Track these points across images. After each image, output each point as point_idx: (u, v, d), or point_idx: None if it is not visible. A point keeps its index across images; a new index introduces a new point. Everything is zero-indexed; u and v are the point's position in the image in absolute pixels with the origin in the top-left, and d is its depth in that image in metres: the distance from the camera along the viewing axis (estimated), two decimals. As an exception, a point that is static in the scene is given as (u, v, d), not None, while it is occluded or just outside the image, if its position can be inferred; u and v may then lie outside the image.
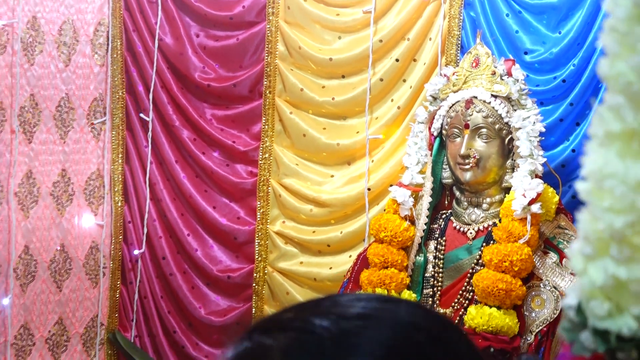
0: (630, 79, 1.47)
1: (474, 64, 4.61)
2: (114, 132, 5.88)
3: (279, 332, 1.53)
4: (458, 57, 5.03)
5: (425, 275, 4.62)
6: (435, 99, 4.69)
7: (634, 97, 1.46)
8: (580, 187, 1.60)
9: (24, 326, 5.67)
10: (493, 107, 4.45)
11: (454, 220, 4.64)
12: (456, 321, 4.42)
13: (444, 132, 4.60)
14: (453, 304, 4.50)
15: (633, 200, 1.48)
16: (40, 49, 5.56)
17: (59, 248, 5.77)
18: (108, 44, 5.81)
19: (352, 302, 1.57)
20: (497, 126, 4.45)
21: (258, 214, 5.74)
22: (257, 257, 5.74)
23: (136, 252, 5.94)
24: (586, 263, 1.57)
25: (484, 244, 4.48)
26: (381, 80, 5.38)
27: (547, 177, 4.48)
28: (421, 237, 4.65)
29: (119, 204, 5.93)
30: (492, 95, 4.47)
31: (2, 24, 5.41)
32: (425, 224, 4.65)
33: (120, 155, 5.89)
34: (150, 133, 5.84)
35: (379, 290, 4.56)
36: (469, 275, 4.49)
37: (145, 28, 5.80)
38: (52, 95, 5.64)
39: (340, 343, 1.48)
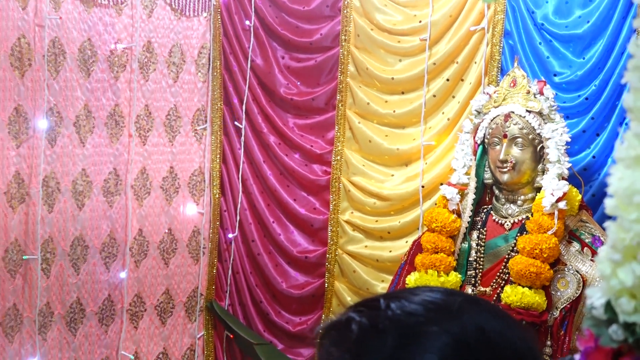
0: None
1: (511, 84, 4.63)
2: (213, 137, 5.94)
3: (365, 309, 1.53)
4: (498, 78, 5.04)
5: (469, 259, 4.65)
6: (479, 112, 4.72)
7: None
8: (608, 203, 1.62)
9: (137, 295, 5.76)
10: (527, 121, 4.47)
11: (493, 214, 4.67)
12: (494, 297, 4.45)
13: (486, 140, 4.62)
14: (492, 283, 4.54)
15: (657, 213, 1.51)
16: (154, 68, 5.64)
17: (166, 231, 5.85)
18: (209, 64, 5.86)
19: (430, 295, 1.55)
20: (530, 136, 4.48)
21: (331, 205, 5.79)
22: (329, 241, 5.79)
23: (230, 235, 6.01)
24: (615, 267, 1.59)
25: (518, 234, 4.51)
26: (434, 96, 5.40)
27: (571, 179, 4.50)
28: (466, 228, 4.69)
29: (217, 196, 5.99)
30: (527, 111, 4.50)
31: (123, 47, 5.47)
32: (470, 216, 4.69)
33: (218, 156, 5.95)
34: (243, 138, 5.91)
35: (430, 271, 4.57)
36: (505, 260, 4.53)
37: (239, 51, 5.84)
38: (163, 106, 5.73)
39: (411, 329, 1.48)
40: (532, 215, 4.46)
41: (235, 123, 5.93)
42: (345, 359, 1.50)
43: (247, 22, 5.81)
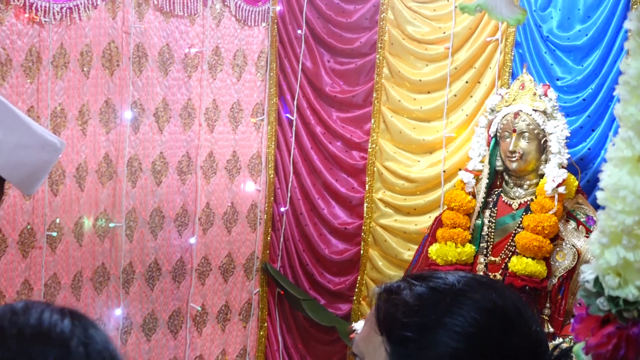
0: (639, 118, 1.49)
1: (521, 87, 4.65)
2: (269, 127, 5.95)
3: (412, 280, 1.56)
4: (509, 82, 5.05)
5: (482, 233, 4.70)
6: (492, 110, 4.74)
7: (641, 132, 1.48)
8: (599, 195, 1.65)
9: (204, 257, 5.81)
10: (534, 118, 4.49)
11: (503, 196, 4.72)
12: (502, 266, 4.46)
13: (498, 134, 4.65)
14: (500, 254, 4.59)
15: (639, 205, 1.51)
16: (221, 69, 5.67)
17: (229, 205, 5.88)
18: (267, 66, 5.87)
19: (458, 274, 1.58)
20: (536, 131, 4.51)
21: (366, 185, 5.80)
22: (365, 215, 5.81)
23: (282, 209, 6.03)
24: (603, 249, 1.62)
25: (524, 213, 4.56)
26: (455, 96, 5.42)
27: (570, 167, 4.56)
28: (480, 207, 4.73)
29: (271, 176, 6.00)
30: (533, 110, 4.53)
31: (195, 51, 5.49)
32: (483, 198, 4.73)
33: (273, 143, 5.97)
34: (294, 128, 5.93)
35: (449, 243, 4.59)
36: (512, 235, 4.58)
37: (292, 55, 5.85)
38: (228, 100, 5.75)
39: (463, 293, 1.53)
40: (536, 197, 4.51)
41: (288, 115, 5.94)
42: (402, 313, 1.52)
43: (299, 31, 5.82)
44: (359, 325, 4.59)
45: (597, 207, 4.51)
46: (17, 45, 4.72)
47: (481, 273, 4.57)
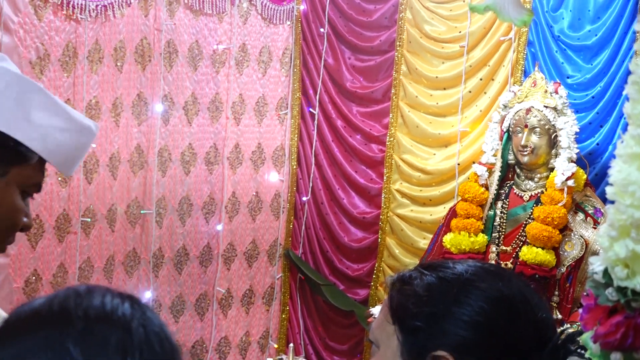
0: (647, 117, 1.48)
1: (532, 84, 4.64)
2: (292, 120, 5.96)
3: (423, 269, 1.55)
4: (522, 79, 5.03)
5: (494, 224, 4.70)
6: (505, 106, 4.73)
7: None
8: (609, 190, 1.64)
9: (230, 243, 5.83)
10: (545, 114, 4.49)
11: (514, 188, 4.71)
12: (513, 255, 4.46)
13: (510, 129, 4.64)
14: (512, 243, 4.59)
15: (648, 200, 1.51)
16: (247, 65, 5.68)
17: (254, 194, 5.90)
18: (291, 62, 5.87)
19: (467, 263, 1.58)
20: (546, 127, 4.50)
21: (384, 177, 5.80)
22: (383, 205, 5.81)
23: (304, 198, 6.04)
24: (612, 242, 1.61)
25: (535, 205, 4.56)
26: (469, 92, 5.41)
27: (579, 162, 4.56)
28: (492, 198, 4.71)
29: (294, 167, 6.00)
30: (544, 106, 4.52)
31: (223, 47, 5.49)
32: (495, 189, 4.72)
33: (296, 135, 5.97)
34: (316, 121, 5.93)
35: (462, 233, 4.59)
36: (523, 225, 4.59)
37: (315, 52, 5.86)
38: (253, 95, 5.76)
39: (470, 282, 1.52)
40: (546, 190, 4.50)
41: (310, 109, 5.94)
42: (412, 303, 1.52)
43: (322, 30, 5.82)
44: (376, 310, 4.60)
45: (604, 200, 4.51)
46: (54, 41, 4.75)
47: (493, 262, 4.57)
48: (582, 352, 1.49)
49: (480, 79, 5.35)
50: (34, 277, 4.95)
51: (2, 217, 1.70)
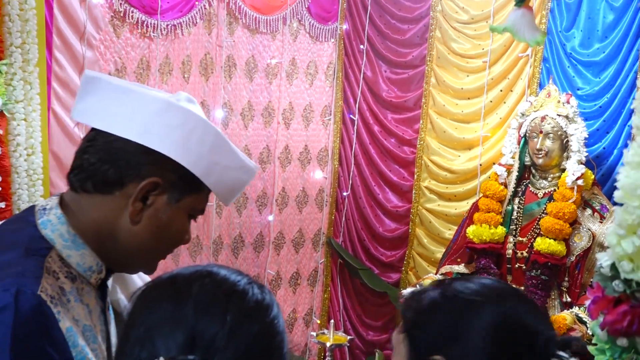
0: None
1: (547, 95, 4.63)
2: (334, 125, 5.98)
3: (439, 287, 1.57)
4: (537, 91, 5.02)
5: (512, 217, 4.69)
6: (523, 114, 4.72)
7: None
8: (617, 194, 1.64)
9: (280, 232, 5.86)
10: (558, 122, 4.47)
11: (530, 186, 4.70)
12: (528, 245, 4.45)
13: (527, 134, 4.63)
14: (527, 235, 4.58)
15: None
16: (296, 77, 5.71)
17: (301, 189, 5.93)
18: (334, 75, 5.89)
19: (473, 283, 1.56)
20: (559, 133, 4.48)
21: (415, 175, 5.80)
22: (413, 200, 5.82)
23: (344, 193, 6.06)
24: (619, 239, 1.61)
25: (548, 202, 4.54)
26: (491, 102, 5.39)
27: (587, 164, 4.54)
28: (510, 195, 4.71)
29: (336, 166, 6.02)
30: (557, 115, 4.51)
31: (275, 61, 5.52)
32: (513, 187, 4.71)
33: (338, 138, 5.99)
34: (355, 127, 5.94)
35: (484, 225, 4.60)
36: (537, 219, 4.57)
37: (355, 66, 5.87)
38: (301, 102, 5.80)
39: (471, 303, 1.50)
40: (558, 188, 4.50)
41: (351, 116, 5.95)
42: (416, 317, 1.54)
43: (361, 46, 5.83)
44: (407, 292, 4.61)
45: (610, 197, 4.50)
46: (130, 55, 4.80)
47: (510, 251, 4.57)
48: (564, 356, 1.47)
49: (501, 90, 5.33)
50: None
51: (172, 236, 1.76)
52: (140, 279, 2.17)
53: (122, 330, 1.29)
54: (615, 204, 4.42)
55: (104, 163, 1.65)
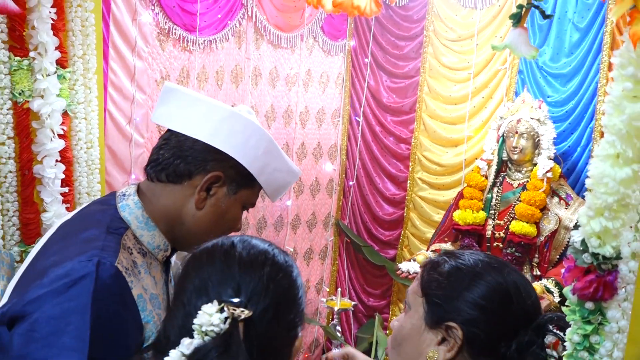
0: (620, 127, 1.48)
1: (522, 102, 4.61)
2: (342, 126, 5.97)
3: (447, 258, 1.59)
4: (514, 98, 4.98)
5: (491, 204, 4.66)
6: (501, 118, 4.69)
7: (621, 137, 1.47)
8: (588, 182, 1.63)
9: (296, 214, 5.88)
10: (531, 124, 4.44)
11: (507, 178, 4.66)
12: (505, 227, 4.43)
13: (504, 134, 4.61)
14: (504, 219, 4.55)
15: (618, 189, 1.50)
16: (311, 85, 5.71)
17: (314, 179, 5.92)
18: (343, 83, 5.87)
19: (478, 257, 1.58)
20: (532, 133, 4.45)
21: (410, 168, 5.78)
22: (408, 189, 5.80)
23: (350, 183, 6.05)
24: (589, 220, 1.61)
25: (522, 191, 4.49)
26: (474, 107, 5.37)
27: (555, 159, 4.48)
28: (490, 185, 4.68)
29: (344, 160, 6.01)
30: (531, 118, 4.48)
31: (294, 72, 5.52)
32: (492, 179, 4.68)
33: (345, 137, 5.99)
34: (360, 127, 5.94)
35: (468, 210, 4.60)
36: (513, 205, 4.53)
37: (360, 76, 5.87)
38: (315, 106, 5.80)
39: (478, 273, 1.53)
40: (530, 179, 4.44)
41: (356, 118, 5.93)
42: (435, 284, 1.56)
43: (366, 59, 5.81)
44: (402, 265, 4.58)
45: (573, 187, 4.47)
46: (173, 65, 4.79)
47: (489, 232, 4.55)
48: (558, 332, 1.49)
49: (482, 97, 5.29)
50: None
51: (228, 223, 1.81)
52: None
53: (177, 284, 1.37)
54: (579, 193, 4.36)
55: (176, 158, 1.72)
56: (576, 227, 4.19)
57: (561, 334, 1.49)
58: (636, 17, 1.36)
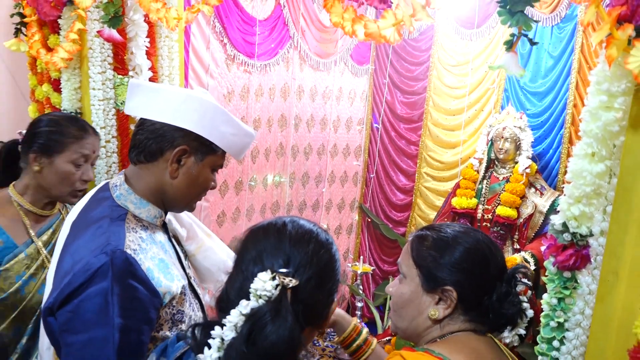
0: (596, 132, 1.41)
1: (507, 113, 4.52)
2: (365, 131, 5.92)
3: (431, 229, 1.53)
4: (500, 110, 4.87)
5: (482, 193, 4.56)
6: (490, 126, 4.59)
7: (597, 139, 1.39)
8: (568, 175, 1.55)
9: (329, 199, 5.95)
10: (514, 131, 4.34)
11: (494, 173, 4.56)
12: (492, 211, 4.34)
13: (493, 138, 4.51)
14: (492, 204, 4.45)
15: (594, 181, 1.43)
16: (342, 99, 5.70)
17: (343, 172, 5.93)
18: (366, 99, 5.80)
19: (454, 227, 1.53)
20: (514, 138, 4.36)
21: (417, 164, 5.69)
22: (416, 180, 5.72)
23: (371, 175, 5.97)
24: (569, 205, 1.53)
25: (506, 183, 4.37)
26: (469, 117, 5.26)
27: (532, 158, 4.37)
28: (480, 178, 4.58)
29: (366, 157, 5.96)
30: (514, 126, 4.37)
31: (329, 89, 5.42)
32: (483, 173, 4.57)
33: (367, 139, 5.93)
34: (379, 132, 5.85)
35: (463, 197, 4.52)
36: (499, 194, 4.42)
37: (380, 93, 5.80)
38: (345, 116, 5.77)
39: (454, 240, 1.49)
40: (513, 174, 4.34)
41: (376, 125, 5.86)
42: (429, 253, 1.49)
43: (384, 80, 5.73)
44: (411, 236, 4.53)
45: (546, 180, 4.35)
46: (237, 83, 4.79)
47: (480, 215, 4.47)
48: (525, 280, 1.45)
49: (475, 110, 5.18)
50: (224, 214, 5.01)
51: (200, 185, 1.74)
52: (186, 217, 2.12)
53: (237, 254, 1.32)
54: (551, 185, 4.24)
55: (149, 140, 1.66)
56: (551, 211, 4.09)
57: (529, 282, 1.46)
58: (611, 42, 1.29)
